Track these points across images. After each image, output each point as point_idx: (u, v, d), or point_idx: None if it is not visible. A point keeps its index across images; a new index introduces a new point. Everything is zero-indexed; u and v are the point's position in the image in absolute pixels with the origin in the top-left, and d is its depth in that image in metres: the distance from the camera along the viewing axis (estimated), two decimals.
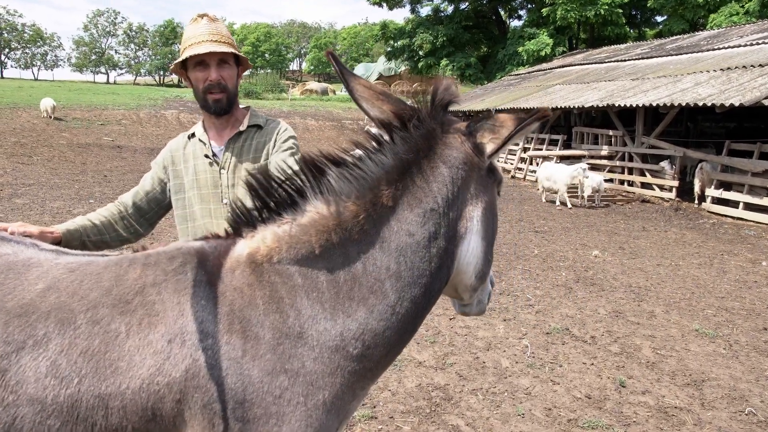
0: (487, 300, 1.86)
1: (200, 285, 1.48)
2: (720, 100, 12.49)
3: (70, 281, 1.54)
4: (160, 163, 2.52)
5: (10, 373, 1.41)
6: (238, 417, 1.38)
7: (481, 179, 1.58)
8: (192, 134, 2.52)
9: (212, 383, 1.38)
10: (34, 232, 1.99)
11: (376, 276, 1.49)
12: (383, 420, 3.95)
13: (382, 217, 1.50)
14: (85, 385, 1.39)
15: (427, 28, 41.22)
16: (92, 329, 1.44)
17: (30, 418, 1.39)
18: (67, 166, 15.70)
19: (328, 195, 1.51)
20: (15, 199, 10.53)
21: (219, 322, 1.43)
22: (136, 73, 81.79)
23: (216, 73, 2.33)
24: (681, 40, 24.32)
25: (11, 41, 71.80)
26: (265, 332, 1.43)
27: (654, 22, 41.99)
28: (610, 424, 4.00)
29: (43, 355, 1.42)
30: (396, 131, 1.54)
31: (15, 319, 1.46)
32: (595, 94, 18.15)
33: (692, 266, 8.75)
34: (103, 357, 1.41)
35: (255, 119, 2.52)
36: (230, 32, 2.45)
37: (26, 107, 25.39)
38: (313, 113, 35.10)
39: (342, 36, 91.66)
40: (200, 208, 2.45)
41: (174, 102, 33.21)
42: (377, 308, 1.48)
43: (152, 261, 1.57)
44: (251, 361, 1.40)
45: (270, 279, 1.49)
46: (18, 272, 1.57)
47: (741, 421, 4.12)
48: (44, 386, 1.39)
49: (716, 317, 6.37)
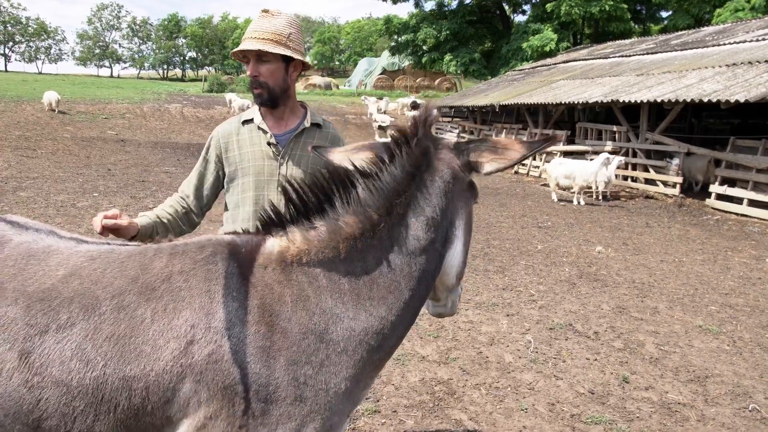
0: (458, 301, 2.02)
1: (232, 276, 1.57)
2: (725, 96, 12.43)
3: (92, 269, 1.60)
4: (213, 152, 2.57)
5: (34, 355, 1.46)
6: (261, 397, 1.46)
7: (464, 192, 1.74)
8: (248, 120, 2.56)
9: (236, 367, 1.46)
10: (124, 224, 2.15)
11: (392, 277, 1.63)
12: (387, 414, 3.96)
13: (395, 224, 1.65)
14: (111, 368, 1.46)
15: (431, 23, 41.09)
16: (118, 315, 1.51)
17: (55, 400, 1.45)
18: (71, 160, 15.72)
19: (355, 205, 1.64)
20: (19, 192, 10.55)
21: (249, 313, 1.52)
22: (140, 67, 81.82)
23: (253, 69, 2.41)
24: (686, 36, 24.19)
25: (15, 35, 71.86)
26: (293, 327, 1.52)
27: (659, 18, 41.78)
28: (614, 419, 4.01)
29: (68, 339, 1.48)
30: (402, 146, 1.68)
31: (37, 303, 1.52)
32: (599, 90, 18.08)
33: (696, 262, 8.73)
34: (129, 342, 1.48)
35: (315, 118, 2.62)
36: (297, 26, 2.48)
37: (30, 101, 25.42)
38: (316, 108, 34.87)
39: (346, 30, 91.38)
40: (254, 195, 2.50)
41: (178, 96, 33.22)
42: (395, 305, 1.63)
43: (180, 251, 1.65)
44: (278, 351, 1.49)
45: (298, 278, 1.59)
46: (39, 259, 1.64)
47: (744, 418, 4.12)
48: (69, 369, 1.45)
49: (720, 313, 6.36)
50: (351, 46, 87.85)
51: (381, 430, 3.78)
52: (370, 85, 52.57)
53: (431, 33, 40.49)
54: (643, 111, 16.24)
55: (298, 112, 2.60)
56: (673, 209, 13.82)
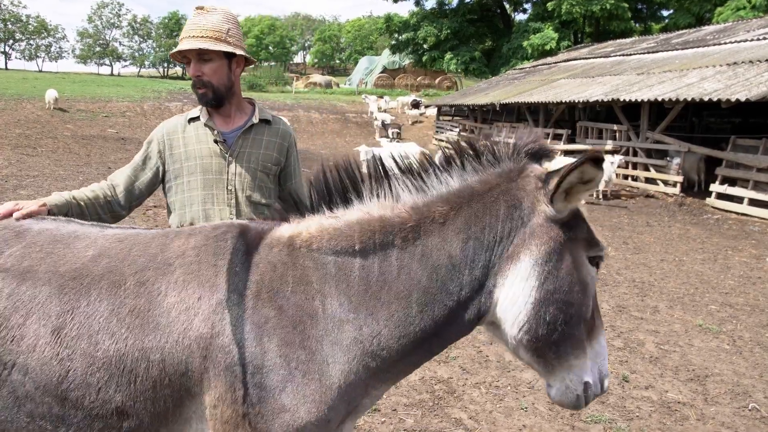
0: (581, 390, 1.58)
1: (237, 252, 1.59)
2: (726, 95, 12.41)
3: (119, 249, 1.67)
4: (154, 147, 2.48)
5: (66, 329, 1.53)
6: (257, 383, 1.46)
7: (545, 227, 1.52)
8: (193, 118, 2.50)
9: (234, 345, 1.47)
10: (34, 209, 1.92)
11: (406, 285, 1.53)
12: (386, 413, 3.96)
13: (428, 231, 1.55)
14: (132, 339, 1.51)
15: (431, 22, 41.03)
16: (139, 290, 1.57)
17: (81, 371, 1.51)
18: (72, 158, 15.72)
19: (384, 198, 1.59)
20: (20, 191, 10.55)
21: (248, 288, 1.53)
22: (140, 65, 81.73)
23: (195, 69, 2.34)
24: (687, 35, 24.14)
25: (15, 32, 71.73)
26: (290, 307, 1.52)
27: (660, 17, 41.69)
28: (613, 418, 4.01)
29: (97, 313, 1.55)
30: (468, 159, 1.61)
31: (70, 282, 1.59)
32: (600, 89, 18.06)
33: (696, 262, 8.73)
34: (147, 314, 1.53)
35: (264, 114, 2.56)
36: (234, 21, 2.41)
37: (30, 99, 25.40)
38: (317, 106, 35.03)
39: (346, 29, 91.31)
40: (202, 194, 2.44)
41: (178, 94, 33.19)
42: (397, 314, 1.53)
43: (197, 231, 1.72)
44: (272, 330, 1.48)
45: (303, 263, 1.57)
46: (66, 243, 1.71)
47: (744, 417, 4.12)
48: (96, 342, 1.52)
49: (720, 313, 6.36)
50: (351, 44, 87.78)
51: (381, 428, 3.78)
52: (371, 84, 52.56)
53: (432, 31, 40.43)
54: (644, 110, 16.22)
55: (246, 109, 2.55)
56: (673, 208, 13.81)
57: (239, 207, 2.44)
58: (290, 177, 2.62)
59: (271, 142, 2.51)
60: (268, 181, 2.52)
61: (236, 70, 2.44)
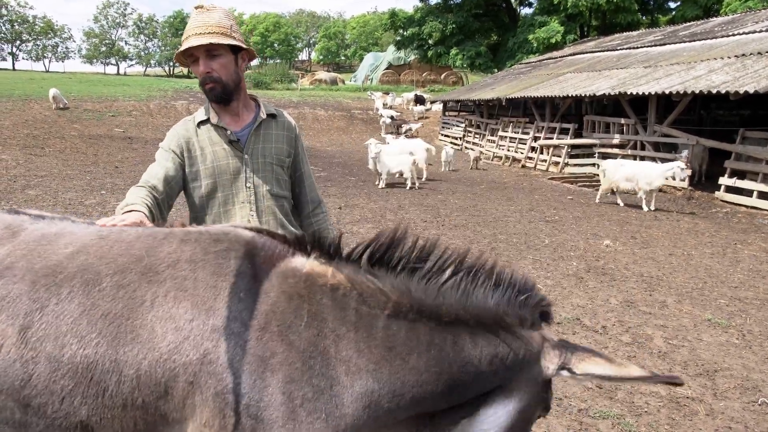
0: None
1: (244, 276, 1.47)
2: (734, 87, 12.31)
3: (99, 246, 1.56)
4: (175, 148, 2.47)
5: (32, 329, 1.43)
6: (252, 414, 1.35)
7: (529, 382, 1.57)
8: (202, 121, 2.50)
9: (229, 374, 1.36)
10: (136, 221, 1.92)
11: (438, 360, 1.49)
12: None
13: (461, 332, 1.52)
14: (103, 347, 1.40)
15: (436, 17, 40.89)
16: (117, 293, 1.45)
17: (45, 376, 1.40)
18: (79, 158, 15.80)
19: (434, 290, 1.52)
20: (28, 191, 10.62)
21: (255, 318, 1.41)
22: (146, 65, 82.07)
23: (204, 66, 2.34)
24: (694, 27, 23.94)
25: (22, 33, 72.16)
26: (302, 342, 1.40)
27: (667, 9, 41.36)
28: (622, 414, 3.99)
29: (66, 313, 1.43)
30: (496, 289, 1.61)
31: (42, 278, 1.49)
32: (607, 82, 17.95)
33: (705, 256, 8.67)
34: (125, 323, 1.41)
35: (268, 108, 2.59)
36: (234, 18, 2.43)
37: (38, 99, 25.54)
38: (322, 103, 35.03)
39: (351, 25, 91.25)
40: (221, 195, 2.46)
41: (184, 93, 33.28)
42: (426, 386, 1.49)
43: (192, 238, 1.57)
44: (278, 365, 1.38)
45: (322, 301, 1.47)
46: (50, 240, 1.61)
47: (754, 411, 4.09)
48: (62, 344, 1.41)
49: (729, 307, 6.32)
50: (356, 41, 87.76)
51: None
52: (376, 80, 52.52)
53: (437, 27, 40.30)
54: (651, 103, 16.10)
55: (251, 106, 2.56)
56: (681, 202, 13.72)
57: (258, 203, 2.48)
58: (299, 166, 2.67)
59: (280, 135, 2.57)
60: (283, 174, 2.58)
61: (242, 65, 2.47)
